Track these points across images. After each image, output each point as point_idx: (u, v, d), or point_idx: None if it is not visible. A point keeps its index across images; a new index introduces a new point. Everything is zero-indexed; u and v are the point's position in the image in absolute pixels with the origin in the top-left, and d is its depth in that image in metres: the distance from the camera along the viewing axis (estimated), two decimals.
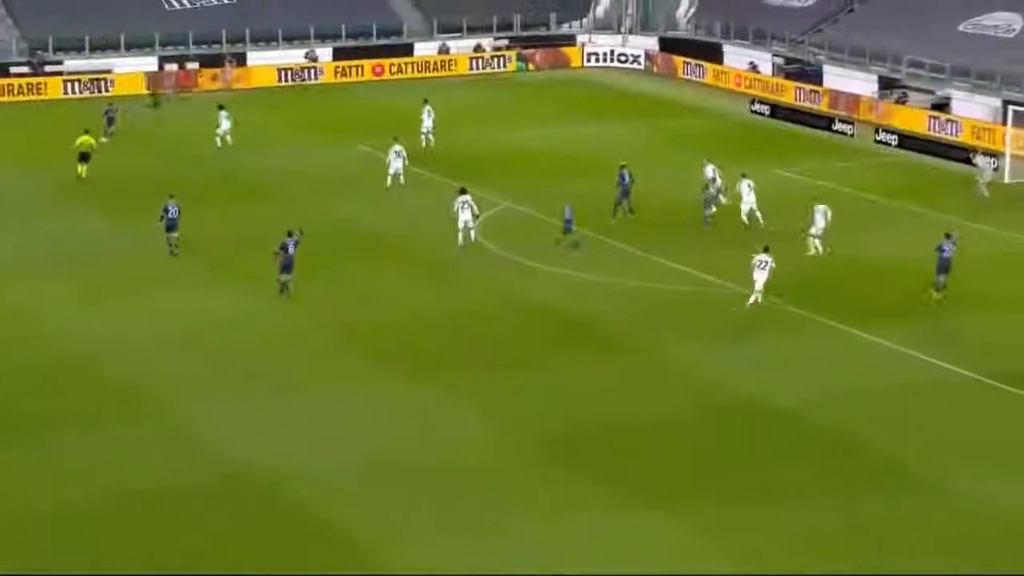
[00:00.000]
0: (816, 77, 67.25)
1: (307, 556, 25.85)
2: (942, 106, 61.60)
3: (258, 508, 27.41)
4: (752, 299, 38.01)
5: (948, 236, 39.71)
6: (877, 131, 59.11)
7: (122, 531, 26.60)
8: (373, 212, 47.62)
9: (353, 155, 55.47)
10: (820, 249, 42.42)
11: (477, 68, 72.92)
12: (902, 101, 62.81)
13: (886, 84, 64.38)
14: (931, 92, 62.62)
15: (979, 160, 51.64)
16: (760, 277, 37.94)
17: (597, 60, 75.20)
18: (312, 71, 70.44)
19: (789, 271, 41.35)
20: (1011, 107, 54.90)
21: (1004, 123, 55.10)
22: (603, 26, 77.49)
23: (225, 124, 55.42)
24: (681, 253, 42.58)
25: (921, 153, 56.52)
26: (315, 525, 26.81)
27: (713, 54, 72.38)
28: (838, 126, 60.71)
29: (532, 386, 33.25)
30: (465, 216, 42.56)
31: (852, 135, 59.68)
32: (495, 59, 73.77)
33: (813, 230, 42.59)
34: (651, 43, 75.80)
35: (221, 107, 56.47)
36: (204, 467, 28.95)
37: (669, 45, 74.99)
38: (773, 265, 38.01)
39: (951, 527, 26.93)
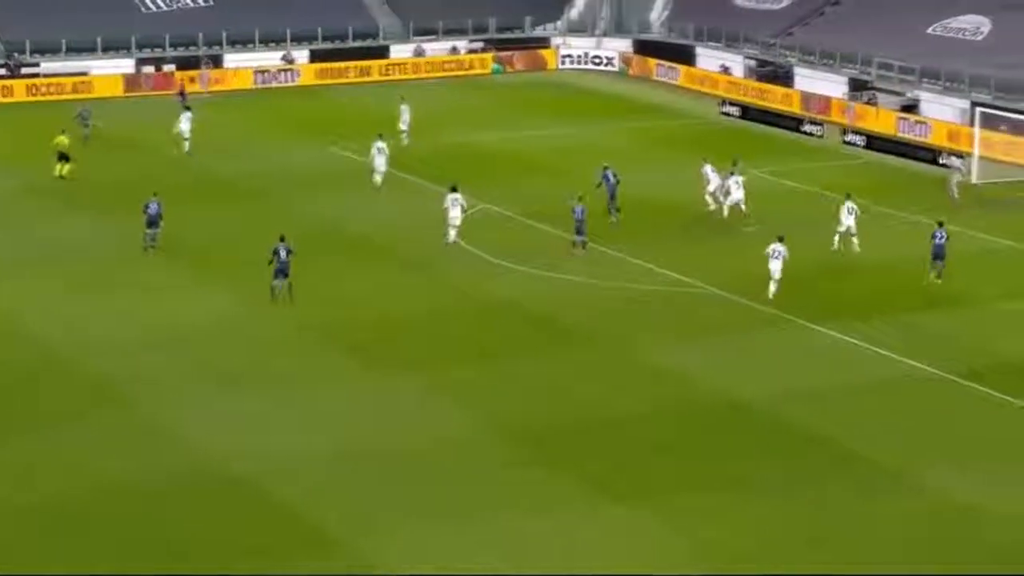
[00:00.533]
0: (787, 79, 68.02)
1: (284, 548, 26.28)
2: (911, 108, 62.40)
3: (237, 502, 27.85)
4: (773, 289, 38.97)
5: (940, 224, 41.29)
6: (844, 132, 59.83)
7: (102, 525, 26.97)
8: (350, 212, 48.10)
9: (329, 156, 55.95)
10: (840, 245, 43.25)
11: (453, 70, 73.47)
12: (872, 103, 63.59)
13: (856, 86, 65.16)
14: (900, 94, 63.41)
15: (953, 161, 52.27)
16: (775, 267, 39.06)
17: (572, 62, 75.82)
18: (289, 73, 70.92)
19: (757, 271, 42.01)
20: (979, 109, 55.60)
21: (972, 125, 55.83)
22: (577, 28, 78.12)
23: (184, 126, 54.50)
24: (654, 252, 43.16)
25: (889, 154, 57.26)
26: (293, 517, 27.24)
27: (686, 56, 73.09)
28: (807, 127, 61.44)
29: (504, 382, 33.76)
30: (455, 213, 43.26)
31: (821, 136, 60.40)
32: (471, 61, 74.36)
33: (840, 228, 43.49)
34: (625, 45, 76.46)
35: (187, 108, 56.44)
36: (184, 462, 29.37)
37: (643, 47, 75.66)
38: (787, 255, 39.10)
39: (916, 521, 27.36)
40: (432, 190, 50.65)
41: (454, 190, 43.98)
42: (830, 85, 65.61)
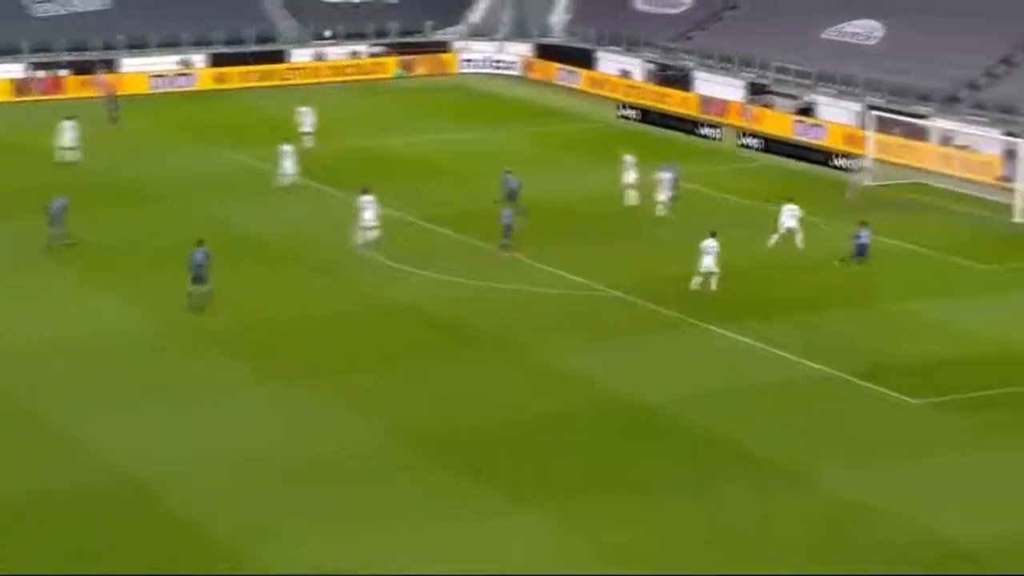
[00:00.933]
0: (686, 83, 68.73)
1: (190, 557, 26.14)
2: (807, 111, 63.34)
3: (141, 510, 27.63)
4: (698, 280, 39.67)
5: (863, 224, 42.67)
6: (741, 135, 60.60)
7: (4, 532, 26.70)
8: (252, 217, 47.85)
9: (229, 162, 55.62)
10: (777, 244, 44.07)
11: (354, 74, 73.33)
12: (769, 106, 64.47)
13: (754, 89, 66.02)
14: (797, 97, 64.33)
15: (854, 163, 53.05)
16: (707, 262, 39.87)
17: (473, 66, 76.02)
18: (186, 78, 70.35)
19: (655, 273, 42.45)
20: (872, 112, 56.59)
21: (866, 128, 56.83)
22: (479, 33, 78.32)
23: (68, 136, 52.60)
24: (557, 256, 43.43)
25: (785, 157, 58.05)
26: (197, 526, 27.08)
27: (586, 60, 73.57)
28: (705, 130, 62.14)
29: (408, 386, 33.80)
30: (367, 215, 43.29)
31: (719, 139, 61.11)
32: (373, 65, 74.26)
33: (781, 230, 44.31)
34: (526, 49, 76.81)
35: (69, 117, 54.51)
36: (86, 470, 29.08)
37: (544, 51, 76.04)
38: (718, 250, 40.06)
39: (813, 522, 27.73)
40: (334, 195, 50.58)
41: (366, 192, 43.99)
42: (728, 88, 66.41)
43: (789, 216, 44.52)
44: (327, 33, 58.10)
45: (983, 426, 32.08)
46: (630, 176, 49.69)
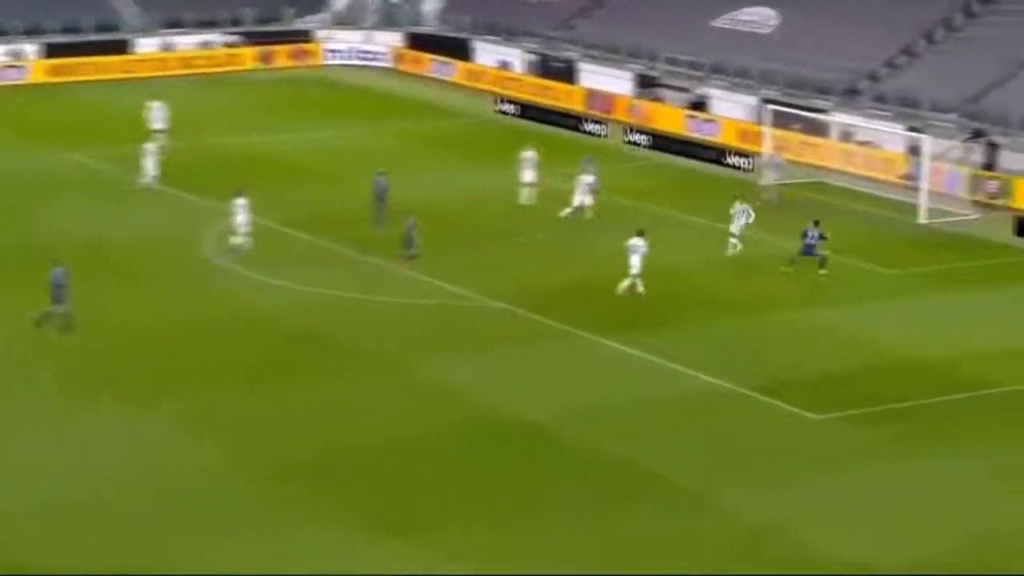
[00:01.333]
0: (569, 75, 69.19)
1: None
2: (699, 105, 64.12)
3: None
4: (627, 283, 40.30)
5: (816, 224, 43.28)
6: (627, 131, 61.15)
7: None
8: (100, 224, 47.28)
9: (67, 162, 54.84)
10: (738, 248, 44.75)
11: (205, 66, 72.73)
12: (658, 100, 65.11)
13: (643, 82, 66.66)
14: (688, 90, 65.07)
15: (766, 160, 53.59)
16: (635, 261, 40.38)
17: (339, 57, 75.84)
18: (17, 70, 69.19)
19: (540, 280, 42.68)
20: (769, 106, 57.42)
21: (762, 123, 57.64)
22: (344, 21, 78.16)
23: None
24: (429, 263, 43.46)
25: (675, 154, 58.66)
26: (43, 563, 26.75)
27: (462, 51, 73.77)
28: (589, 126, 62.59)
29: (270, 407, 33.61)
30: (240, 219, 43.00)
31: (604, 135, 61.60)
32: (227, 57, 73.71)
33: (733, 228, 44.86)
34: (396, 39, 76.80)
35: None
36: None
37: (416, 41, 76.10)
38: (646, 250, 40.53)
39: (715, 545, 28.02)
40: (187, 199, 50.13)
41: (239, 195, 43.74)
42: (615, 81, 66.97)
43: (741, 216, 45.16)
44: None
45: (890, 440, 32.69)
46: (528, 174, 50.02)
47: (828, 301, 41.75)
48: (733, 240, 45.06)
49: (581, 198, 48.22)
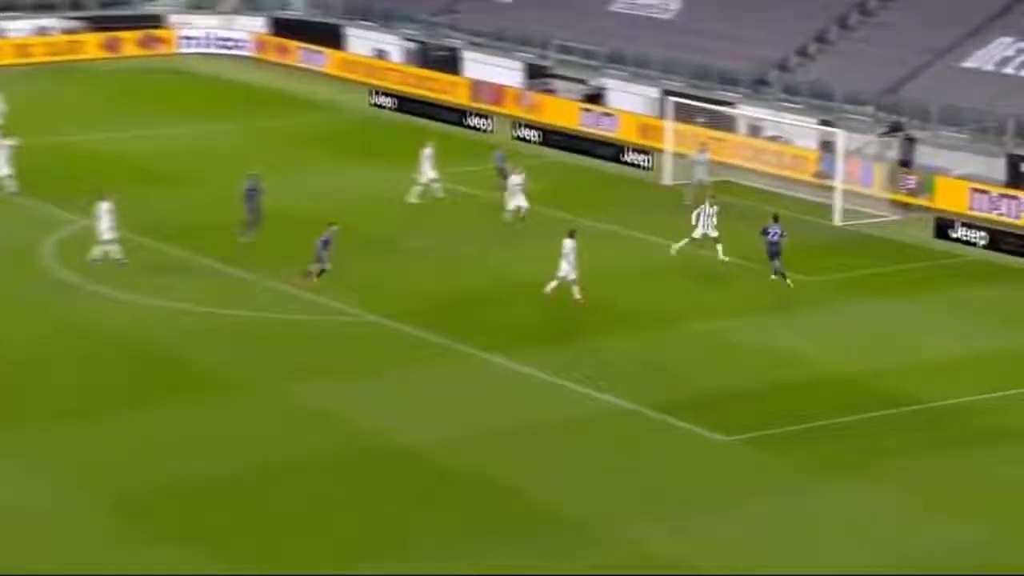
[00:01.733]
0: (452, 65, 69.32)
1: None
2: (596, 97, 64.51)
3: None
4: (553, 285, 40.75)
5: (775, 219, 43.79)
6: (516, 126, 61.39)
7: None
8: None
9: None
10: (679, 250, 45.46)
11: (43, 56, 71.93)
12: (550, 92, 65.43)
13: (533, 73, 66.94)
14: (583, 81, 65.46)
15: (695, 157, 53.80)
16: (565, 266, 40.90)
17: (195, 45, 75.40)
18: None
19: (421, 292, 42.71)
20: (671, 99, 57.88)
21: (665, 117, 58.09)
22: (201, 4, 77.69)
23: None
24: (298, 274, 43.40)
25: (569, 151, 58.94)
26: None
27: (334, 39, 73.65)
28: (473, 120, 62.74)
29: (119, 436, 33.31)
30: (104, 226, 42.89)
31: (490, 131, 61.75)
32: (67, 44, 72.94)
33: (698, 233, 45.29)
34: (260, 25, 76.49)
35: None
36: None
37: (282, 28, 75.86)
38: (573, 253, 41.02)
39: None
40: (24, 204, 49.57)
41: (103, 198, 43.44)
42: (503, 72, 67.20)
43: (705, 217, 45.54)
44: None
45: (802, 463, 32.99)
46: (427, 172, 50.10)
47: (738, 311, 42.16)
48: (718, 246, 45.36)
49: (516, 200, 48.29)
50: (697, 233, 45.48)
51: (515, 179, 48.99)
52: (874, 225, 51.01)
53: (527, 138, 60.35)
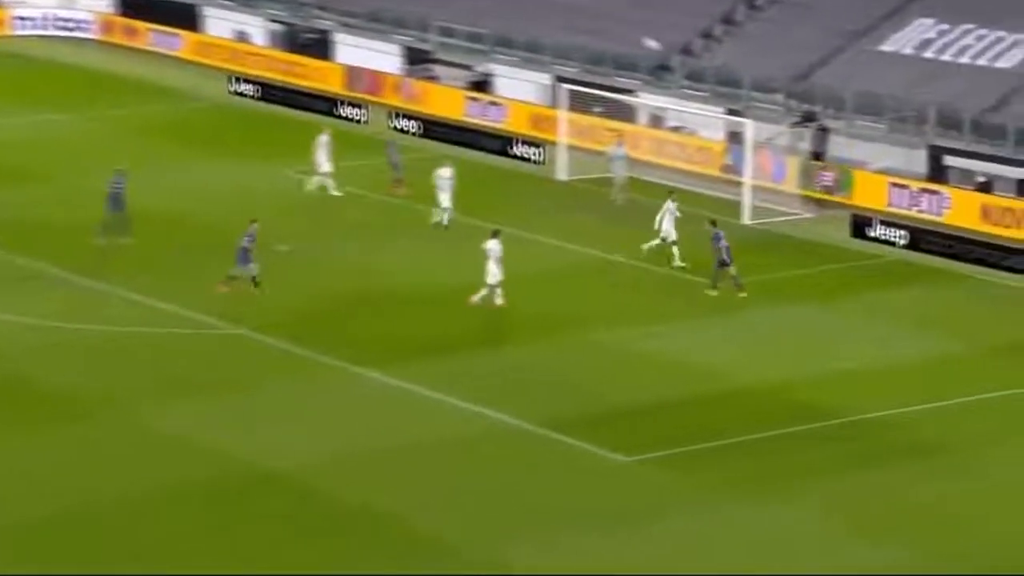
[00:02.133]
0: (323, 49, 69.39)
1: None
2: (482, 85, 64.88)
3: None
4: (483, 293, 41.36)
5: (713, 224, 44.65)
6: (394, 116, 61.59)
7: None
8: None
9: None
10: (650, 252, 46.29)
11: None
12: (432, 79, 65.70)
13: (413, 58, 67.15)
14: (468, 67, 65.78)
15: (611, 152, 54.21)
16: (493, 269, 41.35)
17: (32, 27, 74.87)
18: None
19: (289, 301, 42.83)
20: (565, 86, 58.35)
21: (557, 106, 58.52)
22: None
23: None
24: (160, 284, 43.36)
25: (453, 143, 59.04)
26: None
27: (189, 19, 73.40)
28: (346, 110, 62.93)
29: None
30: None
31: (364, 121, 61.83)
32: None
33: (672, 237, 45.93)
34: (104, 4, 76.09)
35: None
36: None
37: (129, 7, 75.48)
38: (501, 253, 41.56)
39: None
40: None
41: None
42: (379, 56, 67.34)
43: (669, 217, 46.26)
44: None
45: (711, 484, 33.41)
46: (323, 163, 50.21)
47: (637, 319, 42.60)
48: (674, 249, 46.04)
49: (446, 200, 48.65)
50: (667, 234, 46.13)
51: (443, 173, 49.03)
52: (786, 223, 51.69)
53: (406, 129, 60.62)
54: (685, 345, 41.05)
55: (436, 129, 60.47)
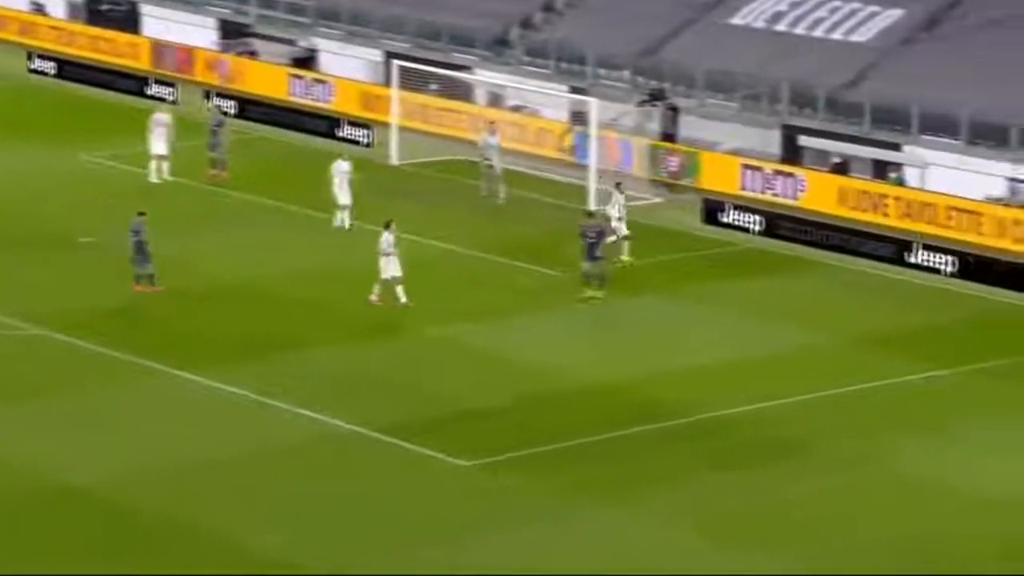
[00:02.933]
0: (130, 22, 68.85)
1: None
2: (306, 61, 64.76)
3: None
4: (377, 290, 41.47)
5: (590, 215, 45.06)
6: (209, 95, 61.32)
7: None
8: None
9: None
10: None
11: None
12: (251, 54, 65.45)
13: (229, 31, 66.85)
14: (291, 42, 65.60)
15: (486, 139, 53.97)
16: (390, 265, 41.57)
17: None
18: None
19: (95, 298, 42.62)
20: (396, 62, 58.36)
21: (388, 84, 58.54)
22: None
23: None
24: None
25: (273, 125, 59.07)
26: None
27: None
28: (155, 89, 62.56)
29: None
30: None
31: (174, 102, 61.29)
32: None
33: (622, 232, 46.60)
34: None
35: None
36: None
37: None
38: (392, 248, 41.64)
39: None
40: None
41: None
42: (192, 30, 66.94)
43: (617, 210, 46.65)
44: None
45: (559, 489, 33.64)
46: (159, 144, 49.77)
47: (479, 314, 42.77)
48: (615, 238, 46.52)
49: (345, 197, 48.47)
50: (618, 228, 46.63)
51: (342, 166, 48.88)
52: (635, 209, 52.07)
53: (223, 109, 60.31)
54: (525, 341, 41.37)
55: (255, 109, 60.29)
